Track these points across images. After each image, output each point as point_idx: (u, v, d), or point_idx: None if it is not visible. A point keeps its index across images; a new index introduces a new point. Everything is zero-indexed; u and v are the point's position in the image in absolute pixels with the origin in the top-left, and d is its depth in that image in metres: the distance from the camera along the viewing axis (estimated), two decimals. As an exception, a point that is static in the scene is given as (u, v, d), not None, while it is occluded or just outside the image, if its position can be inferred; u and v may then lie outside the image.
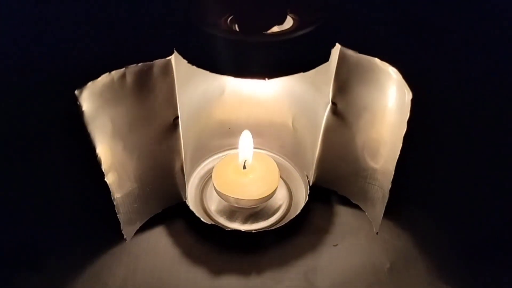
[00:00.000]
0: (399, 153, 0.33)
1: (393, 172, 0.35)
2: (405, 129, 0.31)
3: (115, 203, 0.35)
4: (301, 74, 0.38)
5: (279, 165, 0.44)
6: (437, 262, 0.39)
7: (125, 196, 0.36)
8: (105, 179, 0.33)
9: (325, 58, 0.33)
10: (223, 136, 0.48)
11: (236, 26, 0.31)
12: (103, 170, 0.32)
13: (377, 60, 0.32)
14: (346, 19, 0.34)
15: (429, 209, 0.44)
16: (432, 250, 0.40)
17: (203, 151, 0.48)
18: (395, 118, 0.33)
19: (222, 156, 0.48)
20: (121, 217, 0.36)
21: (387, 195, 0.36)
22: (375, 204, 0.40)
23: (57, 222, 0.42)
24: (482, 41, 0.50)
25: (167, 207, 0.42)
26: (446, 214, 0.44)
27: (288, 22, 0.32)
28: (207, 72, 0.38)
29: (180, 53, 0.32)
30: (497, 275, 0.39)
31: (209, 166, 0.48)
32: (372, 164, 0.39)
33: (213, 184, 0.42)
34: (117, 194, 0.35)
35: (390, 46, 0.33)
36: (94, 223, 0.42)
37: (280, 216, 0.43)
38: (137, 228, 0.40)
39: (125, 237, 0.38)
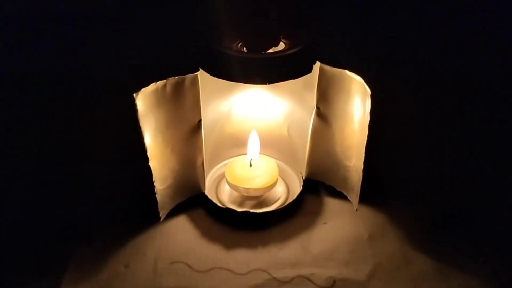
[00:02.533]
0: (366, 138, 0.44)
1: (363, 155, 0.45)
2: (368, 119, 0.42)
3: (155, 184, 0.45)
4: (292, 89, 0.50)
5: (278, 167, 0.55)
6: (406, 232, 0.49)
7: (162, 181, 0.47)
8: (149, 164, 0.44)
9: (308, 70, 0.44)
10: (231, 145, 0.58)
11: (244, 48, 0.44)
12: (148, 156, 0.43)
13: (346, 71, 0.44)
14: (324, 41, 0.46)
15: (398, 191, 0.54)
16: (402, 223, 0.51)
17: (216, 158, 0.58)
18: (362, 114, 0.45)
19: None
20: (158, 197, 0.47)
21: (361, 175, 0.47)
22: (354, 187, 0.50)
23: (105, 205, 0.52)
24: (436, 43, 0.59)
25: (189, 197, 0.52)
26: (413, 194, 0.54)
27: (281, 45, 0.45)
28: (220, 92, 0.50)
29: (203, 68, 0.44)
30: (452, 241, 0.48)
31: (220, 171, 0.58)
32: (347, 156, 0.50)
33: (225, 178, 0.53)
34: (156, 178, 0.45)
35: (357, 60, 0.45)
36: (132, 208, 0.51)
37: (280, 203, 0.53)
38: (168, 211, 0.50)
39: (160, 215, 0.48)
